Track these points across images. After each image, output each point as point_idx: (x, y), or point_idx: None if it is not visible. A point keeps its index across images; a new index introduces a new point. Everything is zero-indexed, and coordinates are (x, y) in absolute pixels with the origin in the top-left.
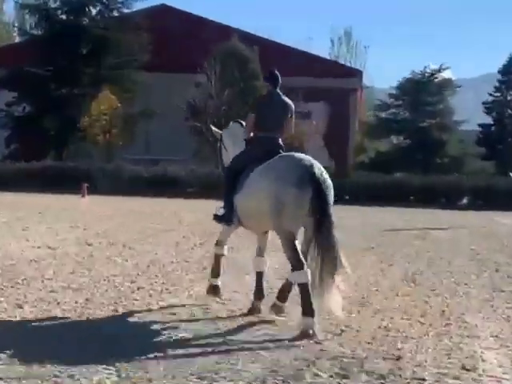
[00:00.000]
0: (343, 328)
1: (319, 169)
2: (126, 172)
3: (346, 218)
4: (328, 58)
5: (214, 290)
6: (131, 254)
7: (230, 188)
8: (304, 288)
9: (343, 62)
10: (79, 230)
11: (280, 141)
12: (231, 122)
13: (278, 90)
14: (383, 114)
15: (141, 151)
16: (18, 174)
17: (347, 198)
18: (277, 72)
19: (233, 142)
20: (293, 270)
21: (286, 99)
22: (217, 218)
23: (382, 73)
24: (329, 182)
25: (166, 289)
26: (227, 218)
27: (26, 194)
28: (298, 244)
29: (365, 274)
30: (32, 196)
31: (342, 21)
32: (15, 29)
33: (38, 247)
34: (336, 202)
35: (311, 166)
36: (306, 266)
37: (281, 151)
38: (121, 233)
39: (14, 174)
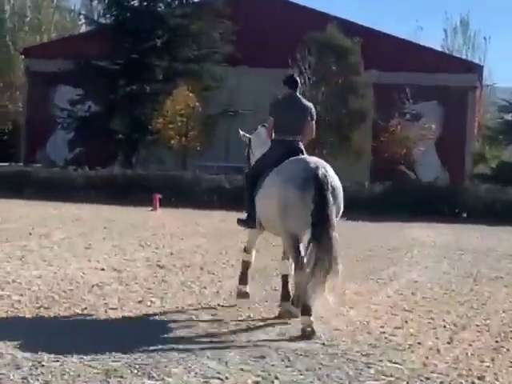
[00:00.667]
0: (475, 381)
1: (324, 171)
2: (204, 182)
3: (464, 239)
4: (441, 50)
5: (243, 297)
6: (211, 279)
7: (250, 192)
8: (299, 286)
9: (459, 56)
10: (149, 249)
11: (299, 144)
12: (259, 126)
13: (298, 93)
14: (509, 117)
15: (221, 157)
16: (82, 182)
17: (465, 215)
18: (296, 77)
19: (260, 146)
20: (295, 269)
21: (305, 102)
22: (240, 222)
23: (506, 68)
24: (335, 184)
25: (254, 324)
26: (249, 221)
27: (89, 205)
28: (303, 247)
29: (495, 312)
30: (96, 208)
31: (457, 7)
32: (81, 17)
33: (102, 269)
34: (451, 219)
35: (316, 168)
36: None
37: (300, 154)
38: (198, 254)
39: (77, 182)
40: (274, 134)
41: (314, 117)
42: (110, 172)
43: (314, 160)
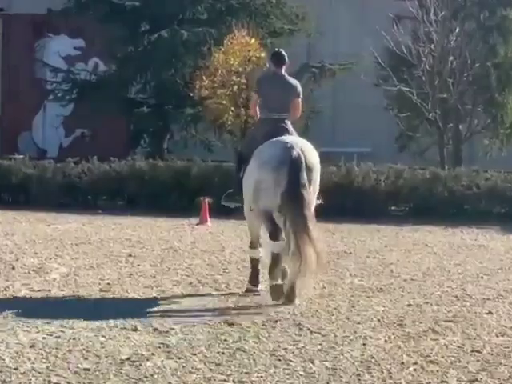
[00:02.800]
0: None
1: (299, 151)
2: None
3: None
4: None
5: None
6: None
7: (237, 173)
8: (274, 258)
9: None
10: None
11: (285, 122)
12: None
13: (283, 71)
14: None
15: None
16: (87, 182)
17: None
18: (283, 52)
19: None
20: (269, 238)
21: (291, 79)
22: (225, 199)
23: None
24: (312, 162)
25: None
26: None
27: (100, 218)
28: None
29: None
30: (111, 221)
31: None
32: None
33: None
34: None
35: (290, 148)
36: (281, 237)
37: (285, 133)
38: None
39: (80, 182)
40: (260, 112)
41: (300, 94)
42: (131, 165)
43: (290, 139)
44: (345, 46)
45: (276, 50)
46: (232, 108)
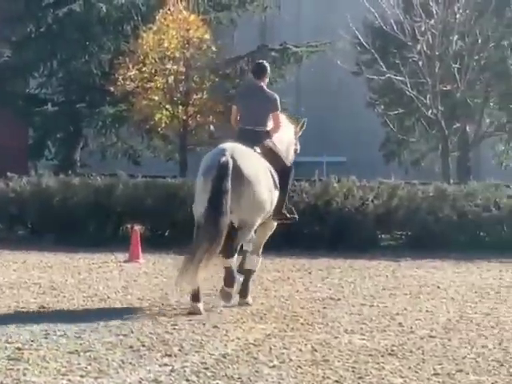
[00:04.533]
0: None
1: (228, 158)
2: None
3: None
4: None
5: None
6: None
7: None
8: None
9: None
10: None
11: (259, 134)
12: None
13: (262, 83)
14: None
15: None
16: None
17: None
18: (265, 63)
19: None
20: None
21: (268, 92)
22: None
23: None
24: (246, 172)
25: None
26: None
27: None
28: None
29: None
30: (13, 259)
31: None
32: None
33: None
34: None
35: (221, 155)
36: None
37: (255, 144)
38: None
39: None
40: (239, 124)
41: (279, 107)
42: (35, 183)
43: (229, 146)
44: (313, 22)
45: (258, 61)
46: (167, 106)
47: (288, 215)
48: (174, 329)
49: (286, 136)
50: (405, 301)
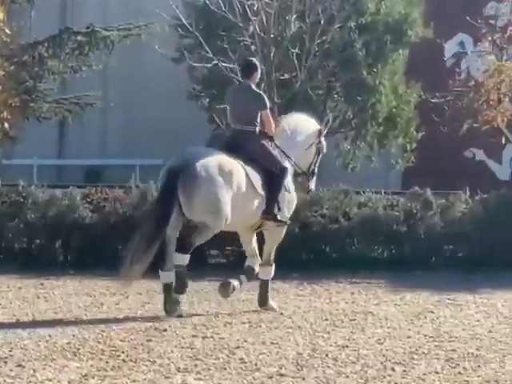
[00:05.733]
0: None
1: (180, 162)
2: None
3: None
4: None
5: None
6: None
7: None
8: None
9: None
10: None
11: (250, 134)
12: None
13: (250, 82)
14: None
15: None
16: None
17: None
18: (254, 61)
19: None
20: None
21: (255, 90)
22: None
23: None
24: (192, 170)
25: None
26: None
27: None
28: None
29: None
30: None
31: None
32: None
33: None
34: None
35: (175, 158)
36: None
37: (242, 142)
38: None
39: None
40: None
41: (266, 106)
42: None
43: (193, 150)
44: (125, 1)
45: (247, 58)
46: None
47: (279, 217)
48: None
49: (300, 137)
50: (244, 331)
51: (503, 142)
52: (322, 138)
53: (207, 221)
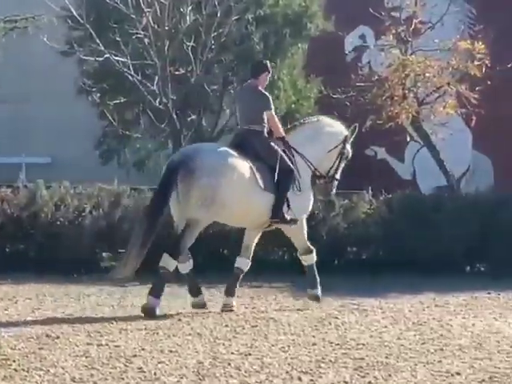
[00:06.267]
0: None
1: (179, 159)
2: None
3: None
4: None
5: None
6: None
7: None
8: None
9: None
10: None
11: (257, 133)
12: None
13: (257, 82)
14: None
15: None
16: None
17: None
18: (264, 62)
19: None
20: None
21: (260, 91)
22: None
23: None
24: (189, 165)
25: None
26: None
27: None
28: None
29: None
30: None
31: None
32: None
33: None
34: None
35: (177, 154)
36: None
37: (245, 142)
38: None
39: None
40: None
41: (270, 106)
42: None
43: (194, 146)
44: None
45: (258, 59)
46: None
47: (288, 218)
48: None
49: (323, 139)
50: (140, 338)
51: (408, 139)
52: (348, 145)
53: (199, 215)
